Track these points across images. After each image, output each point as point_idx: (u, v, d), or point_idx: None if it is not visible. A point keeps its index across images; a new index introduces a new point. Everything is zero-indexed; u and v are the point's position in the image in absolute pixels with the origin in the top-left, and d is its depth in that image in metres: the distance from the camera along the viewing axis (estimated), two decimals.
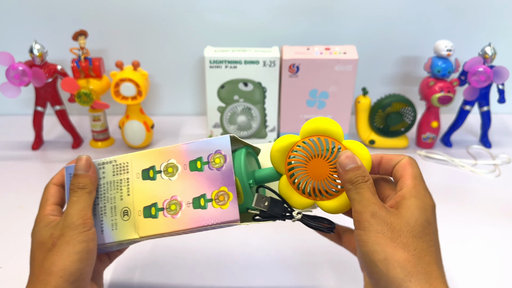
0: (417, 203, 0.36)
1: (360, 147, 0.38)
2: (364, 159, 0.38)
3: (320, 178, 0.39)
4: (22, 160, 0.81)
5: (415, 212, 0.35)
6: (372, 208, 0.35)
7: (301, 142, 0.39)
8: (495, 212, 0.67)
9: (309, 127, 0.39)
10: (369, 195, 0.36)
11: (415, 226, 0.35)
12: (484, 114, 0.85)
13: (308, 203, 0.39)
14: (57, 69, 0.79)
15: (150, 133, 0.84)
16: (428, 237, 0.35)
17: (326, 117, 0.39)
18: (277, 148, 0.39)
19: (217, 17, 0.89)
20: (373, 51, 0.92)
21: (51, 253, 0.38)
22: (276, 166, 0.40)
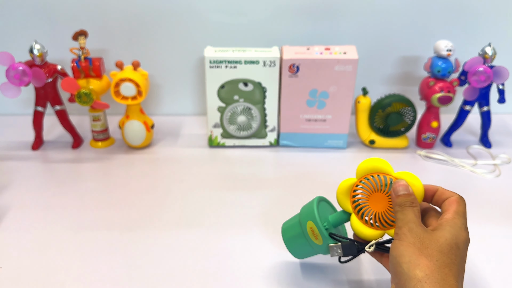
0: (450, 230, 0.41)
1: (412, 177, 0.44)
2: (416, 186, 0.44)
3: (382, 210, 0.45)
4: (22, 160, 0.81)
5: (446, 235, 0.40)
6: (411, 225, 0.41)
7: (359, 182, 0.46)
8: (495, 212, 0.67)
9: (364, 167, 0.45)
10: (411, 216, 0.42)
11: (443, 244, 0.40)
12: (484, 114, 0.85)
13: (378, 234, 0.46)
14: (57, 69, 0.79)
15: (150, 133, 0.84)
16: (453, 256, 0.39)
17: (376, 157, 0.46)
18: (340, 191, 0.47)
19: (217, 17, 0.89)
20: (373, 51, 0.92)
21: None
22: (343, 206, 0.47)
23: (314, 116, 0.83)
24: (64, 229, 0.63)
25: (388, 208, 0.45)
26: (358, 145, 0.87)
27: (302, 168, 0.79)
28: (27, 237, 0.61)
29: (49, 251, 0.58)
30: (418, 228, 0.41)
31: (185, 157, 0.82)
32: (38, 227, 0.63)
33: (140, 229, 0.63)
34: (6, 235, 0.62)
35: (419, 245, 0.40)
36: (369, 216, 0.46)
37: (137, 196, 0.70)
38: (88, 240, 0.61)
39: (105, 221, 0.65)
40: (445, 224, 0.41)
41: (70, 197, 0.70)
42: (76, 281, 0.54)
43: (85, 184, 0.74)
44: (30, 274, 0.55)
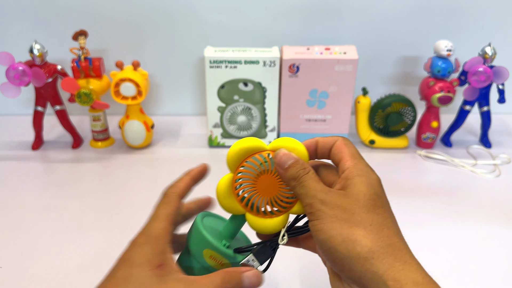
0: (362, 180, 0.35)
1: (289, 142, 0.37)
2: (298, 150, 0.37)
3: (276, 191, 0.37)
4: (22, 160, 0.81)
5: (362, 188, 0.34)
6: (320, 196, 0.34)
7: (236, 175, 0.38)
8: (495, 212, 0.67)
9: (233, 155, 0.37)
10: (314, 185, 0.35)
11: (365, 201, 0.34)
12: (484, 114, 0.85)
13: (282, 219, 0.38)
14: (57, 69, 0.79)
15: (150, 133, 0.84)
16: (380, 210, 0.34)
17: (241, 139, 0.37)
18: (221, 194, 0.38)
19: (217, 17, 0.89)
20: (373, 51, 0.92)
21: None
22: (230, 210, 0.39)
23: (314, 116, 0.83)
24: (64, 229, 0.63)
25: (280, 188, 0.37)
26: (358, 145, 0.87)
27: None
28: (27, 237, 0.61)
29: (49, 251, 0.58)
30: (330, 196, 0.34)
31: (185, 157, 0.82)
32: (38, 227, 0.63)
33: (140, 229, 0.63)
34: (6, 235, 0.62)
35: (343, 215, 0.33)
36: (264, 206, 0.38)
37: (137, 196, 0.70)
38: (88, 240, 0.60)
39: (105, 221, 0.65)
40: (351, 175, 0.35)
41: (70, 197, 0.70)
42: (76, 281, 0.54)
43: (85, 184, 0.74)
44: (30, 274, 0.55)
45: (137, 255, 0.34)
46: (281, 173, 0.36)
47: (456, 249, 0.60)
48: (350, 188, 0.35)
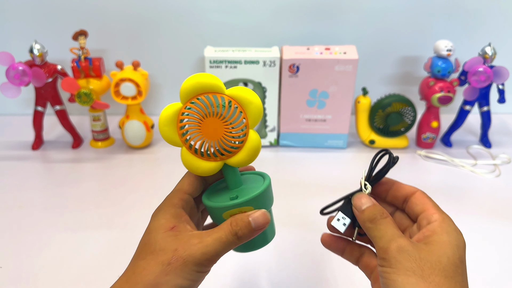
0: (449, 240, 0.33)
1: (247, 93, 0.35)
2: (254, 104, 0.35)
3: (218, 137, 0.36)
4: (22, 160, 0.81)
5: (447, 250, 0.33)
6: (397, 243, 0.33)
7: (185, 108, 0.36)
8: (495, 212, 0.67)
9: (188, 87, 0.35)
10: (391, 230, 0.34)
11: (448, 265, 0.32)
12: (484, 114, 0.85)
13: (216, 165, 0.37)
14: (57, 69, 0.79)
15: (150, 133, 0.84)
16: (460, 278, 0.32)
17: (202, 73, 0.35)
18: (164, 120, 0.36)
19: (217, 17, 0.89)
20: (373, 51, 0.92)
21: (161, 270, 0.33)
22: (168, 140, 0.37)
23: (314, 116, 0.83)
24: (64, 229, 0.63)
25: (224, 134, 0.36)
26: (358, 145, 0.87)
27: (302, 168, 0.79)
28: (27, 237, 0.61)
29: (49, 251, 0.58)
30: (408, 245, 0.33)
31: None
32: (38, 227, 0.63)
33: (140, 229, 0.63)
34: (6, 235, 0.62)
35: (420, 271, 0.31)
36: (204, 148, 0.36)
37: (137, 196, 0.70)
38: (88, 240, 0.60)
39: (105, 221, 0.65)
40: (439, 231, 0.34)
41: (70, 197, 0.70)
42: (76, 281, 0.54)
43: (85, 184, 0.74)
44: (30, 274, 0.55)
45: (152, 223, 0.36)
46: (358, 215, 0.37)
47: None
48: (435, 245, 0.33)
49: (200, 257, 0.33)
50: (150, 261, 0.34)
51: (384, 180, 0.40)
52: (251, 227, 0.35)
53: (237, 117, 0.36)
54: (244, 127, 0.36)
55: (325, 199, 0.71)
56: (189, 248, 0.33)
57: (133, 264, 0.35)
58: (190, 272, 0.33)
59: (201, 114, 0.35)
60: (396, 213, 0.40)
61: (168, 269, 0.33)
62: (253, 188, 0.38)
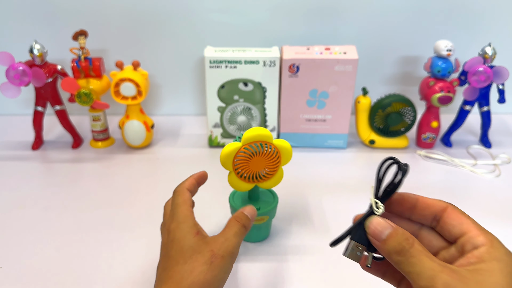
0: (500, 267, 0.29)
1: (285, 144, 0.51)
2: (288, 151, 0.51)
3: (260, 169, 0.52)
4: (22, 160, 0.81)
5: (500, 280, 0.29)
6: (441, 280, 0.29)
7: (244, 148, 0.50)
8: (495, 212, 0.67)
9: (250, 136, 0.49)
10: (429, 263, 0.30)
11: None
12: (484, 114, 0.85)
13: (251, 186, 0.53)
14: (57, 69, 0.79)
15: (150, 133, 0.84)
16: None
17: (260, 127, 0.51)
18: (225, 154, 0.50)
19: (217, 17, 0.89)
20: (373, 51, 0.92)
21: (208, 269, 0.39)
22: (225, 166, 0.51)
23: (314, 116, 0.83)
24: (64, 229, 0.63)
25: (264, 168, 0.52)
26: (358, 145, 0.87)
27: (302, 168, 0.79)
28: (27, 237, 0.61)
29: (49, 251, 0.58)
30: (454, 280, 0.29)
31: (185, 157, 0.82)
32: (38, 227, 0.63)
33: (140, 229, 0.63)
34: (6, 235, 0.62)
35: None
36: (245, 173, 0.51)
37: (137, 196, 0.70)
38: (88, 240, 0.61)
39: (105, 221, 0.65)
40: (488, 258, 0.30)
41: (70, 197, 0.70)
42: (76, 281, 0.54)
43: (85, 184, 0.74)
44: (30, 274, 0.55)
45: (179, 233, 0.42)
46: (379, 246, 0.32)
47: None
48: (484, 275, 0.29)
49: (232, 250, 0.41)
50: (193, 263, 0.39)
51: (403, 196, 0.35)
52: (249, 218, 0.45)
53: (275, 159, 0.51)
54: (277, 165, 0.52)
55: (325, 199, 0.71)
56: (222, 247, 0.41)
57: (175, 271, 0.39)
58: (228, 265, 0.40)
59: (253, 154, 0.50)
60: (422, 230, 0.36)
61: (213, 267, 0.39)
62: (267, 203, 0.58)
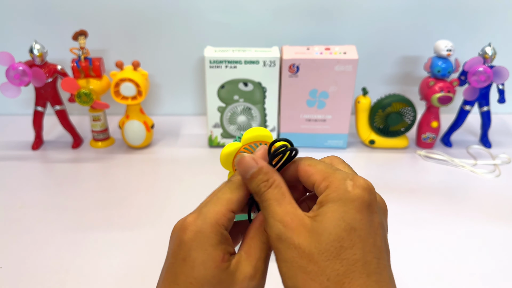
0: (333, 208, 0.27)
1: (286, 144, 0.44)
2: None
3: None
4: (22, 160, 0.81)
5: (327, 224, 0.26)
6: (276, 229, 0.28)
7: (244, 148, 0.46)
8: (495, 212, 0.67)
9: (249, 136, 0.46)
10: (274, 209, 0.28)
11: (328, 243, 0.26)
12: (484, 114, 0.85)
13: None
14: (57, 69, 0.79)
15: (150, 133, 0.84)
16: (348, 253, 0.26)
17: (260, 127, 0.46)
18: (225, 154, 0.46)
19: (217, 17, 0.89)
20: (373, 51, 0.92)
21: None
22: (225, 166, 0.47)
23: (314, 116, 0.83)
24: (64, 229, 0.63)
25: None
26: (358, 145, 0.87)
27: None
28: (27, 237, 0.61)
29: (49, 251, 0.58)
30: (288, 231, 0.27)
31: (185, 157, 0.82)
32: (38, 227, 0.63)
33: (140, 229, 0.63)
34: (6, 235, 0.62)
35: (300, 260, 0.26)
36: None
37: (137, 196, 0.70)
38: (88, 240, 0.61)
39: (105, 221, 0.65)
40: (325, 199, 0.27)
41: (70, 197, 0.70)
42: (76, 281, 0.54)
43: (85, 184, 0.74)
44: (30, 274, 0.55)
45: (195, 254, 0.29)
46: (246, 183, 0.31)
47: (456, 249, 0.60)
48: (318, 220, 0.27)
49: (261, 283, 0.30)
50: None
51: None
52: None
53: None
54: None
55: None
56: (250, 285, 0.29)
57: None
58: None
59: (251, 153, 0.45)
60: None
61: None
62: None
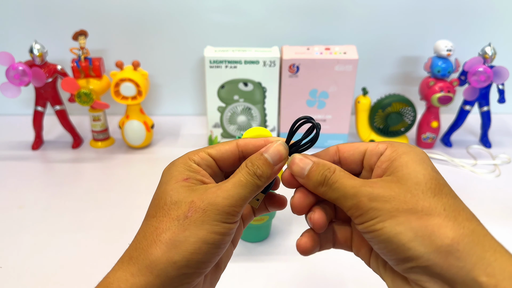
0: (411, 158, 0.29)
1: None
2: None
3: None
4: (22, 160, 0.81)
5: (417, 168, 0.28)
6: (365, 192, 0.28)
7: None
8: (495, 212, 0.67)
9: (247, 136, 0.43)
10: (350, 182, 0.29)
11: (427, 182, 0.28)
12: (484, 114, 0.85)
13: None
14: (57, 69, 0.79)
15: (150, 133, 0.84)
16: (447, 189, 0.28)
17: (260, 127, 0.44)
18: None
19: (217, 17, 0.89)
20: (373, 51, 0.92)
21: (178, 226, 0.28)
22: None
23: (314, 116, 0.83)
24: (64, 229, 0.63)
25: None
26: None
27: None
28: (27, 237, 0.61)
29: (49, 251, 0.58)
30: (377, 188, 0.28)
31: None
32: (38, 227, 0.63)
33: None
34: (6, 235, 0.62)
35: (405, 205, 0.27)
36: None
37: (137, 196, 0.70)
38: (88, 240, 0.60)
39: (105, 221, 0.65)
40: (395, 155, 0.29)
41: (70, 197, 0.70)
42: (76, 281, 0.54)
43: (85, 184, 0.74)
44: (30, 274, 0.55)
45: (163, 177, 0.32)
46: (304, 183, 0.31)
47: None
48: (400, 170, 0.28)
49: (223, 203, 0.29)
50: (162, 218, 0.29)
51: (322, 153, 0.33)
52: (269, 162, 0.31)
53: None
54: None
55: None
56: (208, 197, 0.29)
57: (143, 226, 0.30)
58: (213, 224, 0.28)
59: None
60: None
61: (186, 223, 0.28)
62: None
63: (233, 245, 0.35)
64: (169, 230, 0.28)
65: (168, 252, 0.28)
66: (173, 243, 0.28)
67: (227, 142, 0.33)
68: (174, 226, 0.28)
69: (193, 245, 0.28)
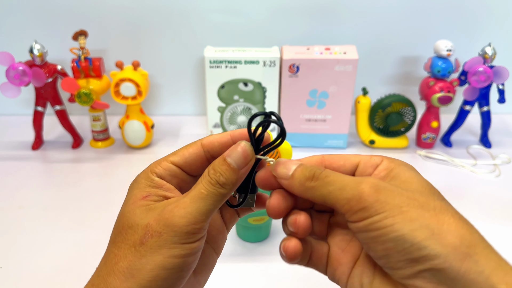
0: (407, 168, 0.28)
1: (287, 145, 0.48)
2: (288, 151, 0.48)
3: None
4: (22, 160, 0.81)
5: (418, 176, 0.28)
6: (370, 181, 0.26)
7: None
8: (495, 212, 0.67)
9: None
10: (347, 176, 0.27)
11: (430, 188, 0.27)
12: (484, 114, 0.85)
13: None
14: (57, 69, 0.79)
15: (150, 133, 0.84)
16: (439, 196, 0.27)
17: None
18: None
19: (217, 17, 0.89)
20: (373, 51, 0.92)
21: (135, 253, 0.27)
22: None
23: (314, 116, 0.83)
24: (64, 229, 0.63)
25: None
26: (358, 145, 0.87)
27: None
28: (27, 237, 0.61)
29: (49, 251, 0.58)
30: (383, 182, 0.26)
31: None
32: (38, 227, 0.63)
33: None
34: (6, 235, 0.62)
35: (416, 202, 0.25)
36: None
37: None
38: (88, 240, 0.60)
39: (105, 221, 0.65)
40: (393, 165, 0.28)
41: (70, 197, 0.70)
42: (76, 281, 0.54)
43: (85, 184, 0.74)
44: (30, 274, 0.55)
45: (127, 194, 0.31)
46: (288, 183, 0.29)
47: None
48: (403, 175, 0.27)
49: (180, 222, 0.27)
50: (120, 244, 0.28)
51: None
52: (233, 167, 0.28)
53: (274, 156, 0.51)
54: None
55: None
56: (164, 218, 0.27)
57: (105, 252, 0.29)
58: (171, 247, 0.27)
59: None
60: None
61: (143, 250, 0.27)
62: None
63: (216, 253, 0.33)
64: (125, 258, 0.27)
65: (125, 281, 0.27)
66: (130, 272, 0.27)
67: (191, 144, 0.31)
68: (131, 253, 0.27)
69: (150, 272, 0.26)
